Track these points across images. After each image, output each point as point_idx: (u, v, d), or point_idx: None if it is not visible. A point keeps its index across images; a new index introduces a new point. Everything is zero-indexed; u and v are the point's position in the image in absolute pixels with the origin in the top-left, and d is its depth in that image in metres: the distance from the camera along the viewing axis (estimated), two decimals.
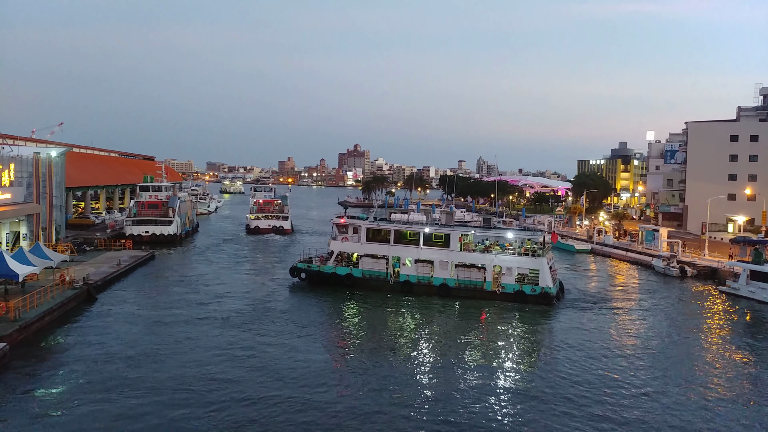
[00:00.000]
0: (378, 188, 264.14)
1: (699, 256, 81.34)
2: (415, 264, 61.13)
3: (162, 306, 52.82)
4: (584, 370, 38.33)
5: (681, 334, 49.10)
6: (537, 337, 47.62)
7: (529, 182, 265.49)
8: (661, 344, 45.71)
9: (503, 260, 59.26)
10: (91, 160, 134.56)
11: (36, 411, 30.03)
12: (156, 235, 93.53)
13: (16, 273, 45.53)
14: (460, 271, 59.72)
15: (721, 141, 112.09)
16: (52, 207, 76.23)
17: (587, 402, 32.97)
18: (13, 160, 66.92)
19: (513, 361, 40.84)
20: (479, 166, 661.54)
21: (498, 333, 47.90)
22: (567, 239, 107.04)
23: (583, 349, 43.25)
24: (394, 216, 66.13)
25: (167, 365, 37.03)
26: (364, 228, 63.77)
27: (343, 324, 50.27)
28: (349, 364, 38.74)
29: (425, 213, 69.47)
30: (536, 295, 56.95)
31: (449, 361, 39.66)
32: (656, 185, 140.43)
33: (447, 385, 35.00)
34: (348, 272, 62.74)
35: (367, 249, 63.17)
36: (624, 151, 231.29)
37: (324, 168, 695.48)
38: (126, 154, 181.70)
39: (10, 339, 38.41)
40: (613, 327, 50.36)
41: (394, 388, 34.12)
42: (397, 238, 62.53)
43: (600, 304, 59.10)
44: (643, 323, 52.28)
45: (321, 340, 44.55)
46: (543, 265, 57.76)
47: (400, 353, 41.37)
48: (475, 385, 35.00)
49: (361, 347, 43.09)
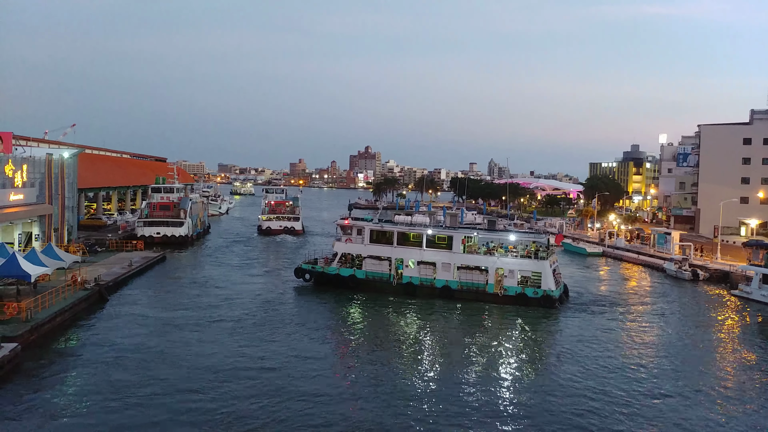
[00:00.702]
0: (389, 190, 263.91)
1: (711, 259, 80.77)
2: (418, 266, 61.03)
3: (172, 308, 52.99)
4: (590, 375, 38.10)
5: (692, 338, 48.71)
6: (541, 342, 47.24)
7: (540, 185, 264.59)
8: (672, 348, 45.37)
9: (505, 263, 59.00)
10: (103, 161, 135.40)
11: (47, 412, 30.18)
12: (167, 237, 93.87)
13: (29, 273, 45.82)
14: (463, 273, 59.60)
15: (734, 144, 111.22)
16: (65, 208, 76.74)
17: (593, 408, 32.78)
18: (26, 161, 67.43)
19: (515, 368, 40.44)
20: (491, 168, 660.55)
21: (500, 337, 47.44)
22: (578, 242, 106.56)
23: (590, 353, 43.00)
24: (397, 218, 66.04)
25: (177, 368, 37.11)
26: (368, 229, 63.78)
27: (343, 329, 49.09)
28: (347, 373, 38.17)
29: (430, 215, 69.10)
30: (538, 297, 56.62)
31: (450, 371, 38.78)
32: (668, 188, 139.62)
33: (448, 399, 34.17)
34: (351, 273, 62.79)
35: (370, 250, 63.21)
36: (636, 153, 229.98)
37: (335, 170, 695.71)
38: (138, 155, 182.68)
39: (22, 339, 38.66)
40: (623, 331, 50.05)
41: (393, 399, 33.91)
42: (400, 240, 62.48)
43: (610, 307, 58.79)
44: (654, 327, 51.90)
45: (323, 345, 44.06)
46: (545, 268, 57.44)
47: (396, 360, 40.81)
48: (475, 400, 34.35)
49: (357, 354, 42.16)
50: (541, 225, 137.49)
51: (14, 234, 65.81)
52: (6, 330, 38.99)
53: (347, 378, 36.61)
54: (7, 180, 62.90)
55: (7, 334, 38.06)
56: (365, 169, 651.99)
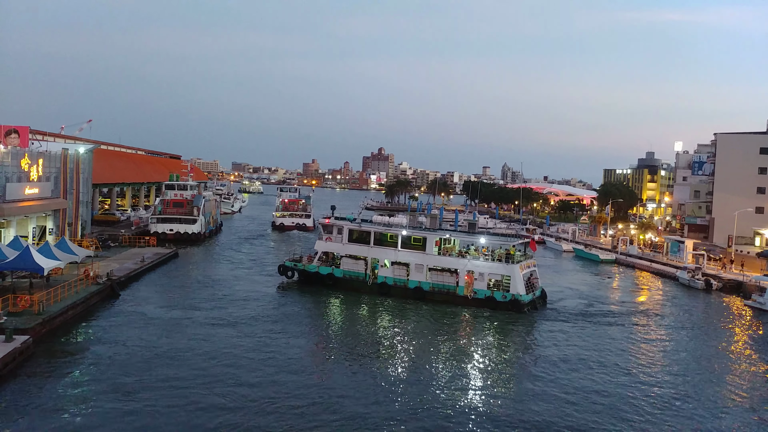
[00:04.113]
0: (401, 192, 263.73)
1: (725, 269, 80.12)
2: (393, 266, 61.35)
3: (183, 305, 53.00)
4: (591, 383, 37.89)
5: (704, 349, 48.23)
6: (503, 347, 46.30)
7: (554, 190, 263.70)
8: (678, 356, 44.98)
9: (475, 265, 58.76)
10: (118, 157, 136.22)
11: (56, 406, 30.29)
12: (180, 233, 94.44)
13: (42, 267, 46.13)
14: (434, 274, 59.67)
15: (750, 153, 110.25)
16: (79, 203, 77.30)
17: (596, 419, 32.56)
18: (42, 156, 67.98)
19: (475, 375, 39.34)
20: (504, 172, 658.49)
21: (463, 342, 46.52)
22: (591, 249, 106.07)
23: (575, 363, 42.70)
24: (375, 218, 66.99)
25: (185, 366, 37.08)
26: (347, 229, 64.39)
27: (315, 330, 48.04)
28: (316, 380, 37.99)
29: (431, 218, 69.47)
30: (506, 302, 56.22)
31: (410, 376, 37.59)
32: (683, 196, 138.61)
33: (409, 403, 34.05)
34: (330, 272, 63.51)
35: (348, 249, 63.83)
36: (651, 161, 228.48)
37: (348, 171, 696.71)
38: (153, 152, 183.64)
39: (33, 332, 38.93)
40: (629, 340, 49.53)
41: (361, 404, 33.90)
42: (377, 240, 62.94)
43: (591, 315, 57.62)
44: (664, 335, 51.49)
45: (289, 349, 43.33)
46: (514, 272, 56.98)
47: (361, 365, 40.11)
48: (434, 401, 34.28)
49: (327, 358, 41.78)
50: (553, 230, 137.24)
51: (29, 227, 66.31)
52: (18, 322, 39.24)
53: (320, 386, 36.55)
54: (23, 174, 63.42)
55: (19, 327, 38.32)
56: (378, 170, 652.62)
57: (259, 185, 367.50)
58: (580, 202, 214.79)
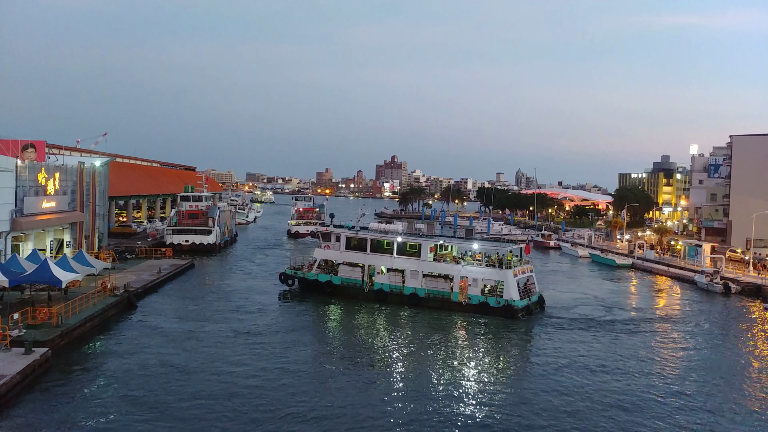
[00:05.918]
0: (415, 200, 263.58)
1: (744, 272, 79.38)
2: (389, 273, 61.47)
3: (199, 317, 53.06)
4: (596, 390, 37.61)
5: (723, 353, 47.82)
6: (502, 356, 45.83)
7: (568, 195, 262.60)
8: (701, 363, 44.51)
9: (469, 271, 58.70)
10: (133, 170, 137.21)
11: (74, 419, 30.46)
12: (196, 244, 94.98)
13: (60, 279, 46.54)
14: (429, 281, 59.68)
15: (767, 155, 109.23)
16: (95, 215, 77.92)
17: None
18: (59, 170, 68.60)
19: (466, 382, 38.94)
20: (518, 178, 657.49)
21: (456, 350, 46.32)
22: (607, 253, 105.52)
23: (588, 369, 42.41)
24: (372, 225, 67.44)
25: (199, 378, 37.10)
26: (344, 236, 64.71)
27: (314, 340, 48.10)
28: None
29: (428, 224, 69.88)
30: (500, 307, 55.96)
31: (405, 382, 37.81)
32: (699, 200, 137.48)
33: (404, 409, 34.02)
34: (328, 279, 63.83)
35: (345, 257, 64.14)
36: (666, 164, 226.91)
37: (361, 179, 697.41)
38: (167, 164, 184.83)
39: (52, 344, 39.23)
40: (644, 345, 49.17)
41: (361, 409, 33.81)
42: (374, 247, 63.12)
43: (591, 321, 57.03)
44: (683, 339, 51.05)
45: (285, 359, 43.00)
46: (507, 277, 56.71)
47: (356, 375, 40.07)
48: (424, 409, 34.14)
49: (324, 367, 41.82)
50: (569, 236, 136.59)
51: (46, 241, 66.94)
52: (37, 335, 39.57)
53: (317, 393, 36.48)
54: (40, 188, 64.03)
55: (38, 339, 38.64)
56: (391, 178, 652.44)
57: (271, 195, 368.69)
58: (596, 207, 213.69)
